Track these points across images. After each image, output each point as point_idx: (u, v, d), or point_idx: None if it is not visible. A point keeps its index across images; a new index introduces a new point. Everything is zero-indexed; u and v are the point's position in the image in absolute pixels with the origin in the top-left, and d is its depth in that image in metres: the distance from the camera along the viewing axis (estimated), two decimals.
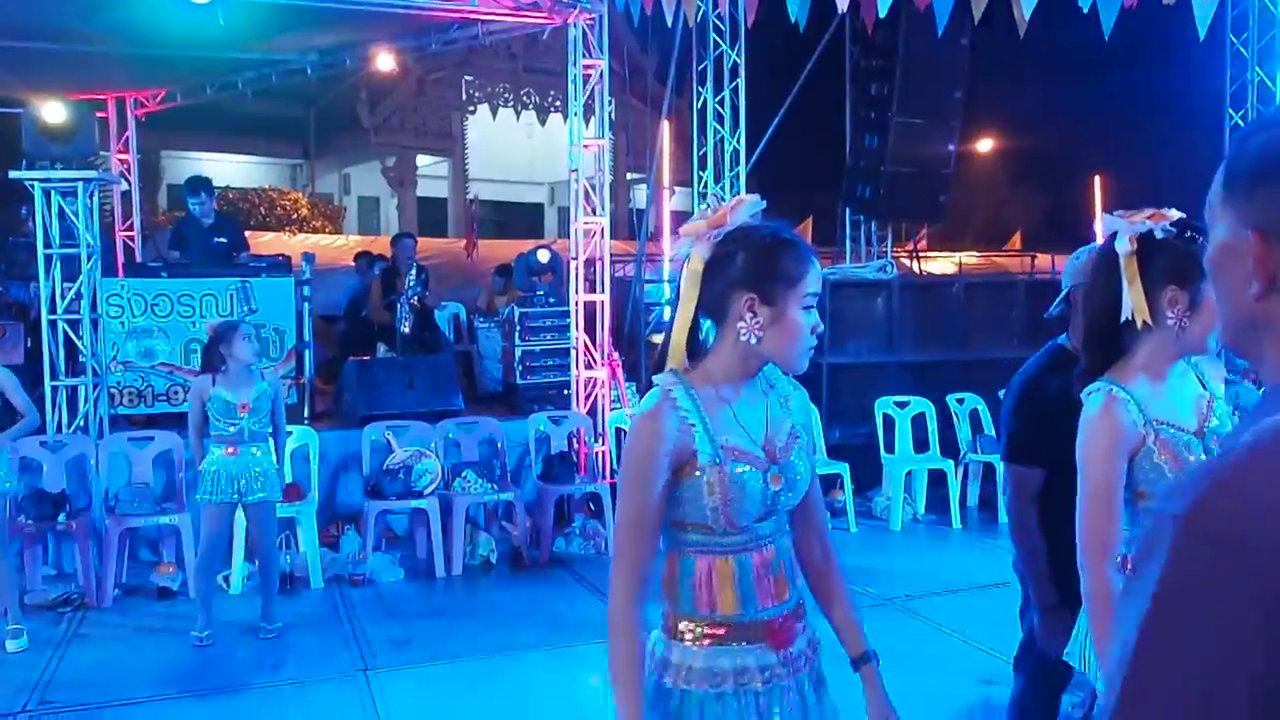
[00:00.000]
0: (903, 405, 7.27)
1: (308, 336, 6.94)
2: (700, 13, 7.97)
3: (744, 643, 1.72)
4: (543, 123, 18.75)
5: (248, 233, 8.73)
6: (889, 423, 7.23)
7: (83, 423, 6.03)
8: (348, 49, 8.58)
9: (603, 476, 6.67)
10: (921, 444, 7.25)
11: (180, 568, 5.60)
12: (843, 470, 6.85)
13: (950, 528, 6.90)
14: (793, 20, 7.40)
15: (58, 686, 4.32)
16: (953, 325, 8.19)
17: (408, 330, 7.50)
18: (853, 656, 1.85)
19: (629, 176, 17.42)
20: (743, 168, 8.25)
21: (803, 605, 1.82)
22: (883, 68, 9.55)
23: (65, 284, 5.98)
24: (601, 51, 6.87)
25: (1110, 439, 1.93)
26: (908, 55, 9.23)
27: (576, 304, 7.01)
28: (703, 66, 8.27)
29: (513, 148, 19.23)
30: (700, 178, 8.29)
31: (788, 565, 1.79)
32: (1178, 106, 12.40)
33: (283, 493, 5.12)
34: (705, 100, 8.25)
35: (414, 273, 7.72)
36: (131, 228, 9.63)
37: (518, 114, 18.92)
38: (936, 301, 8.31)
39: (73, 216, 5.94)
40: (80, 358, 6.08)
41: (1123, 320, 1.96)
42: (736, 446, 1.70)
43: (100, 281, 6.19)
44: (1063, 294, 2.75)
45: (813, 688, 1.79)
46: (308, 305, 6.96)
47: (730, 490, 1.67)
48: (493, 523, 6.48)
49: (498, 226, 18.35)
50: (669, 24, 8.04)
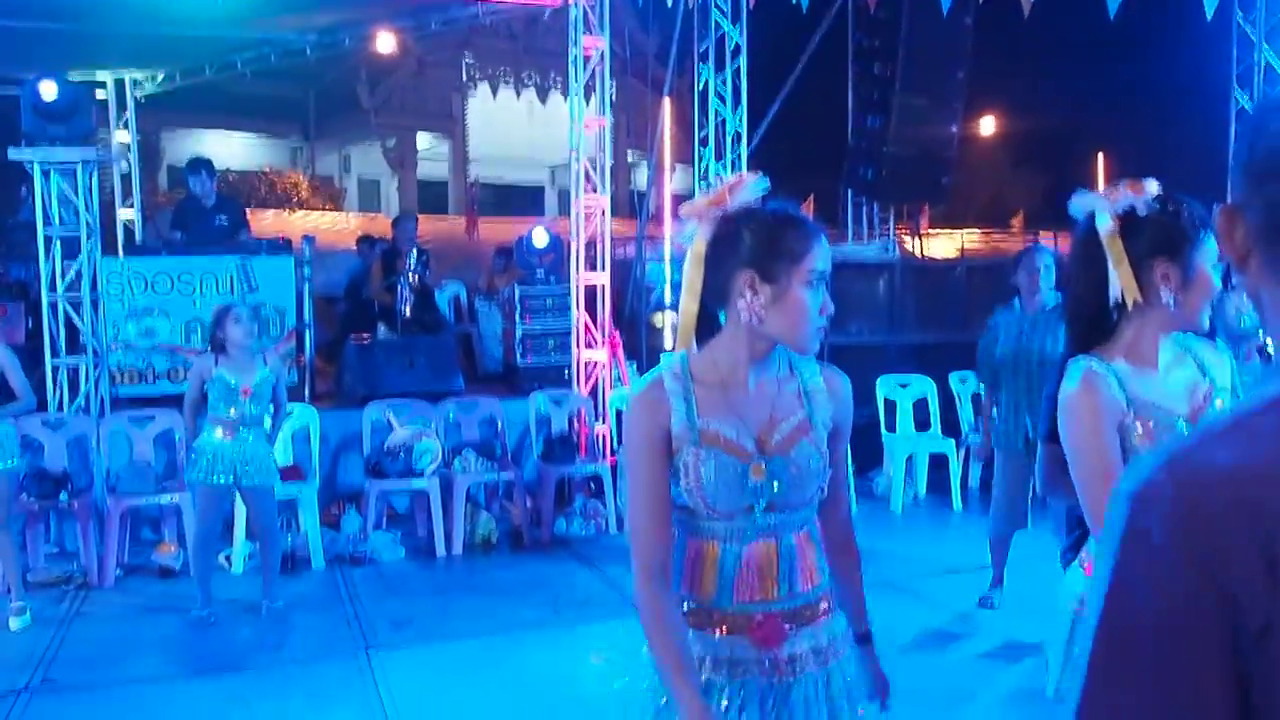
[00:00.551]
0: (904, 386, 7.27)
1: (308, 317, 6.93)
2: None
3: (722, 631, 1.69)
4: (543, 103, 18.71)
5: (248, 213, 8.70)
6: (890, 403, 7.23)
7: (84, 402, 6.03)
8: (347, 29, 8.53)
9: (603, 457, 6.68)
10: (923, 425, 7.25)
11: (181, 547, 5.61)
12: None
13: (951, 509, 6.91)
14: (794, 0, 7.35)
15: (60, 664, 4.34)
16: (954, 306, 8.19)
17: (408, 311, 7.50)
18: (856, 633, 1.86)
19: (629, 157, 17.38)
20: (744, 148, 8.21)
21: (811, 612, 1.73)
22: (885, 47, 9.51)
23: (65, 264, 5.97)
24: (602, 31, 6.83)
25: (1094, 415, 1.85)
26: (910, 35, 9.19)
27: (577, 284, 7.00)
28: (704, 46, 8.21)
29: (513, 128, 19.18)
30: (701, 158, 8.26)
31: (789, 564, 1.71)
32: (1182, 87, 12.34)
33: (279, 474, 5.12)
34: (707, 80, 8.20)
35: (415, 254, 7.71)
36: (132, 208, 9.61)
37: (518, 94, 18.87)
38: (938, 282, 8.31)
39: (72, 196, 5.93)
40: (81, 337, 6.08)
41: (1112, 302, 1.88)
42: (718, 433, 1.66)
43: (100, 261, 6.18)
44: None
45: (817, 700, 1.71)
46: (308, 285, 6.95)
47: (701, 474, 1.65)
48: (493, 502, 6.50)
49: (498, 207, 18.31)
50: (669, 3, 7.99)
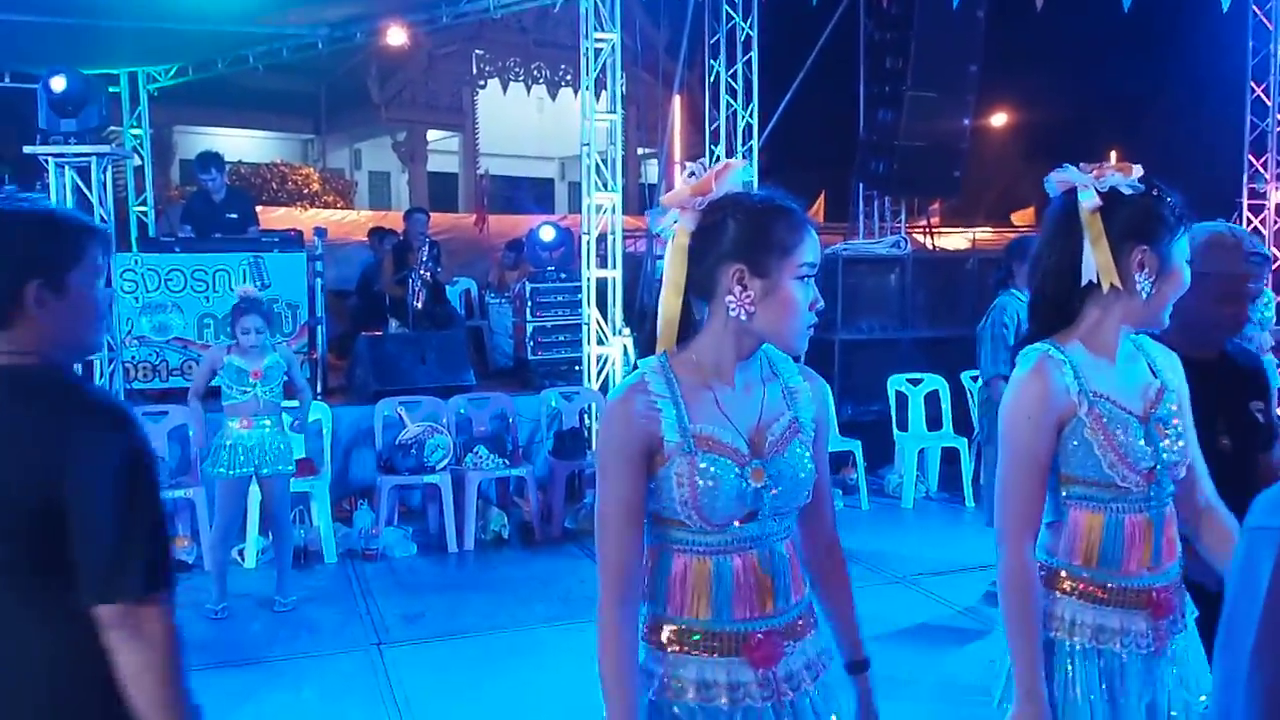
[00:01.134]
0: (916, 382, 7.25)
1: (320, 311, 6.95)
2: None
3: (715, 654, 1.57)
4: (553, 97, 18.68)
5: (259, 208, 8.73)
6: (901, 400, 7.21)
7: None
8: (358, 22, 8.54)
9: None
10: (934, 421, 7.23)
11: (195, 541, 5.64)
12: (855, 448, 6.84)
13: (963, 506, 6.88)
14: None
15: None
16: (966, 301, 8.14)
17: (420, 305, 7.51)
18: (847, 661, 1.75)
19: (639, 151, 17.36)
20: (755, 142, 8.20)
21: (803, 624, 1.65)
22: (897, 40, 9.45)
23: None
24: (614, 25, 6.81)
25: (1038, 403, 1.76)
26: (922, 28, 9.12)
27: (588, 280, 7.00)
28: (715, 39, 8.20)
29: (523, 122, 19.15)
30: (712, 152, 8.25)
31: (781, 576, 1.61)
32: (1196, 79, 12.26)
33: (295, 465, 5.15)
34: (718, 74, 8.19)
35: (426, 248, 7.72)
36: (145, 203, 9.65)
37: (528, 88, 18.84)
38: (950, 277, 8.26)
39: (87, 191, 5.95)
40: None
41: (1084, 284, 1.78)
42: (712, 437, 1.55)
43: (115, 256, 6.20)
44: None
45: (815, 717, 1.62)
46: (320, 280, 6.96)
47: (699, 483, 1.53)
48: (504, 498, 6.51)
49: (508, 201, 18.31)
50: None
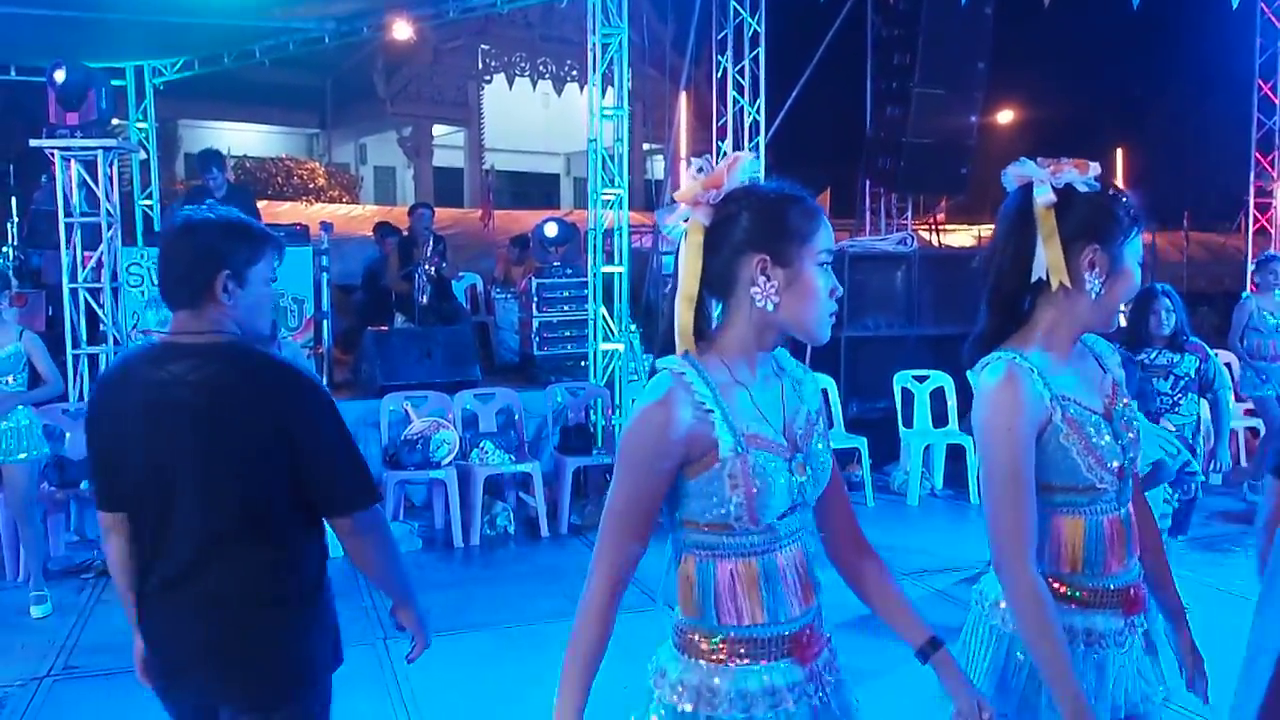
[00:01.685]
0: (921, 379, 7.23)
1: (326, 306, 6.95)
2: None
3: (769, 659, 1.56)
4: (559, 92, 18.66)
5: (265, 202, 8.76)
6: (907, 396, 7.19)
7: None
8: (365, 17, 8.53)
9: None
10: (940, 418, 7.22)
11: None
12: (860, 444, 6.83)
13: (968, 503, 6.87)
14: None
15: (81, 651, 4.37)
16: (973, 299, 8.07)
17: (425, 301, 7.51)
18: (918, 647, 1.69)
19: (645, 147, 17.33)
20: (762, 138, 8.19)
21: (821, 613, 1.66)
22: (905, 37, 9.44)
23: (86, 252, 6.00)
24: (621, 20, 6.80)
25: (1016, 413, 1.69)
26: (930, 25, 9.11)
27: (594, 275, 6.99)
28: (723, 35, 8.18)
29: (529, 118, 19.15)
30: (719, 148, 8.23)
31: (813, 567, 1.62)
32: (1203, 77, 12.23)
33: None
34: (725, 69, 8.17)
35: (432, 243, 7.71)
36: (150, 196, 9.65)
37: (534, 84, 18.82)
38: (956, 275, 8.23)
39: (93, 185, 5.95)
40: (101, 326, 6.11)
41: (1034, 280, 1.74)
42: (759, 435, 1.54)
43: (120, 250, 6.20)
44: None
45: (835, 696, 1.64)
46: (325, 275, 6.97)
47: (755, 483, 1.51)
48: (510, 493, 6.51)
49: (513, 196, 18.31)
50: None
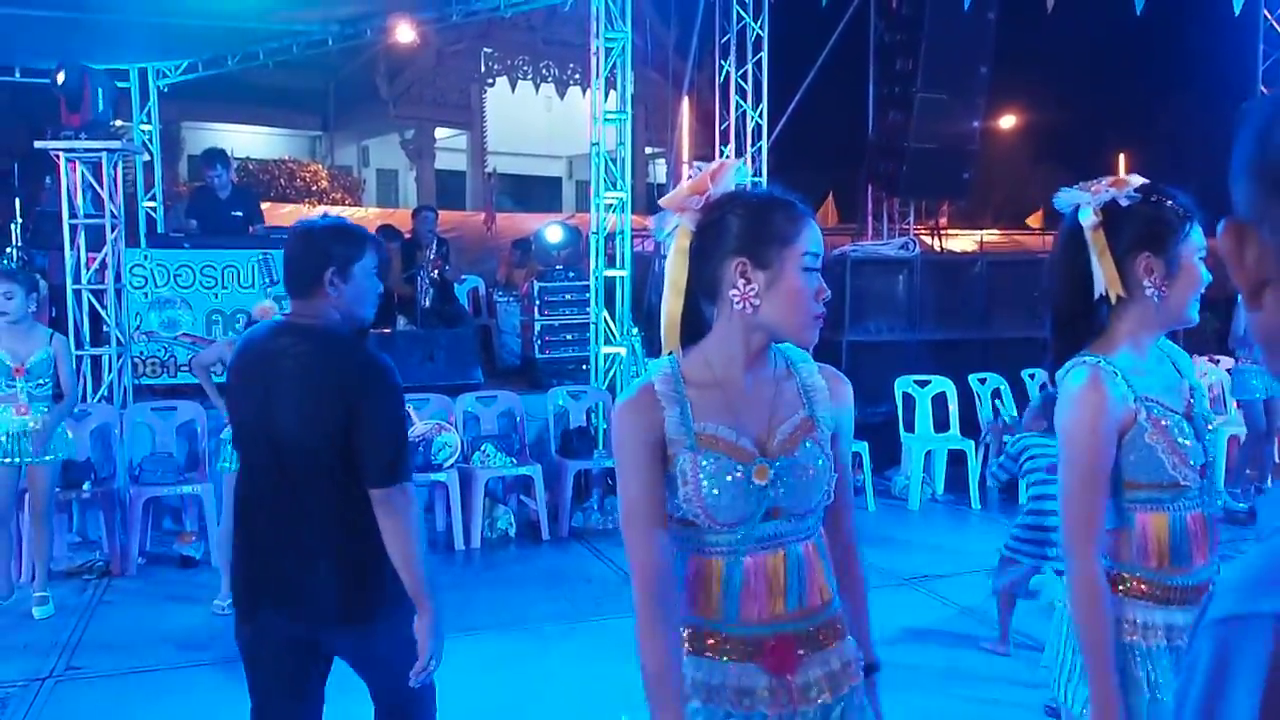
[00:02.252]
0: (923, 384, 7.24)
1: None
2: None
3: (728, 657, 1.55)
4: (562, 96, 18.68)
5: (268, 204, 8.75)
6: (909, 401, 7.20)
7: (107, 392, 6.08)
8: (368, 20, 8.54)
9: None
10: (941, 423, 7.22)
11: (202, 537, 5.66)
12: (862, 449, 6.83)
13: (969, 508, 6.88)
14: None
15: (83, 652, 4.38)
16: (975, 304, 8.14)
17: (428, 303, 7.52)
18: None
19: (648, 151, 17.35)
20: (765, 142, 8.20)
21: (825, 633, 1.61)
22: (907, 42, 9.44)
23: (89, 253, 6.01)
24: (624, 24, 6.81)
25: (1099, 414, 1.78)
26: (933, 30, 9.11)
27: (596, 278, 7.00)
28: (726, 39, 8.20)
29: (531, 121, 19.17)
30: (722, 152, 8.24)
31: (796, 578, 1.57)
32: (1206, 83, 12.23)
33: None
34: (728, 74, 8.18)
35: (434, 245, 7.72)
36: (154, 198, 9.66)
37: (536, 87, 18.86)
38: (958, 280, 8.26)
39: (97, 186, 5.96)
40: (104, 328, 6.12)
41: (1096, 297, 1.84)
42: (715, 435, 1.55)
43: (124, 252, 6.21)
44: None
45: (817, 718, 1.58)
46: None
47: (703, 483, 1.52)
48: (511, 496, 6.51)
49: (515, 199, 18.32)
50: None
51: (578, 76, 17.81)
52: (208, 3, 6.83)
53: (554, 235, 8.33)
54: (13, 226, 8.01)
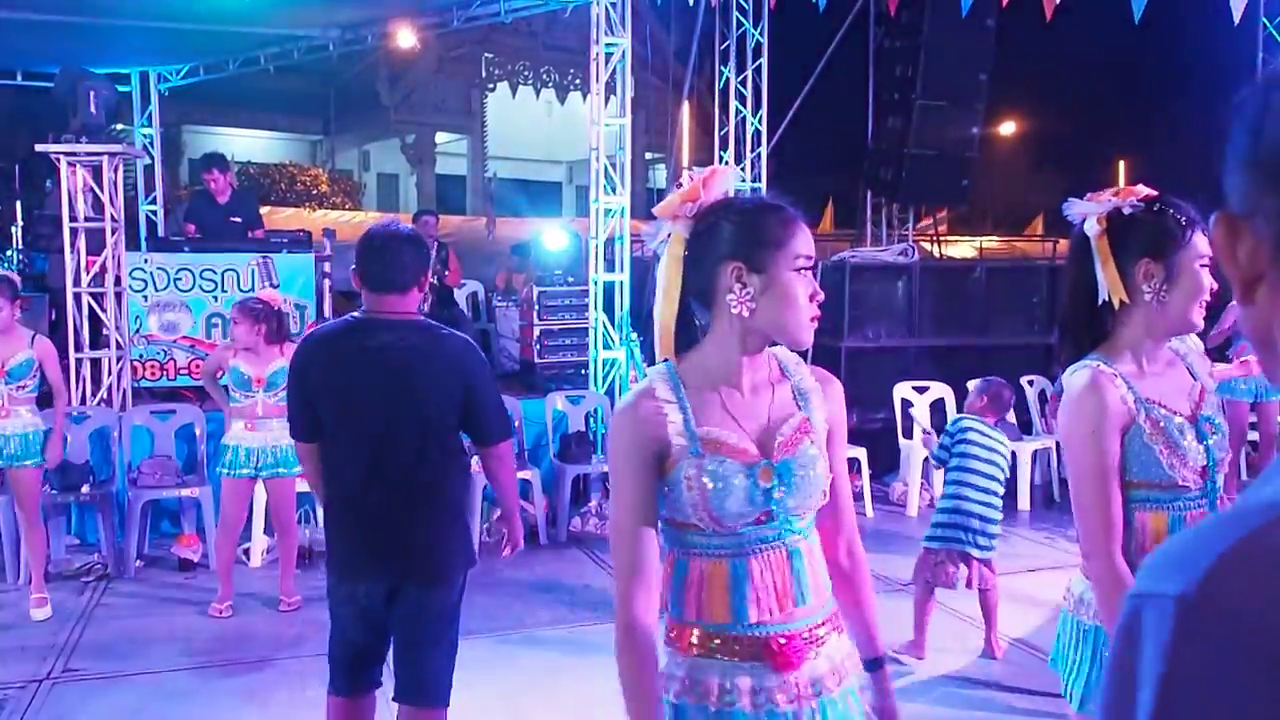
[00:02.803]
0: (921, 390, 7.24)
1: (329, 312, 6.97)
2: None
3: (738, 658, 1.57)
4: (562, 101, 18.73)
5: (268, 208, 8.77)
6: (907, 407, 7.20)
7: (106, 395, 6.08)
8: (369, 25, 8.57)
9: None
10: (940, 429, 7.21)
11: (201, 540, 5.66)
12: (859, 454, 6.84)
13: None
14: (812, 0, 7.33)
15: (81, 654, 4.38)
16: (973, 310, 8.14)
17: (428, 307, 7.53)
18: (864, 659, 1.73)
19: (647, 156, 17.38)
20: (764, 148, 8.22)
21: (826, 628, 1.64)
22: (906, 49, 9.45)
23: (89, 257, 6.02)
24: (624, 30, 6.83)
25: (1099, 415, 1.84)
26: (932, 36, 9.13)
27: (595, 283, 7.01)
28: (725, 45, 8.22)
29: (532, 126, 19.22)
30: (721, 158, 8.26)
31: (800, 578, 1.60)
32: (1204, 90, 12.25)
33: (300, 468, 5.17)
34: (728, 80, 8.20)
35: (435, 250, 7.73)
36: (154, 202, 9.68)
37: (537, 92, 18.90)
38: (957, 286, 8.26)
39: (98, 190, 5.97)
40: (104, 331, 6.13)
41: (1101, 302, 1.91)
42: (719, 439, 1.57)
43: (124, 255, 6.22)
44: None
45: (821, 714, 1.60)
46: (329, 281, 6.99)
47: (709, 486, 1.54)
48: None
49: (515, 204, 18.34)
50: (690, 2, 7.99)
51: (578, 82, 17.86)
52: (209, 7, 6.85)
53: (550, 241, 8.34)
54: (13, 229, 8.03)
